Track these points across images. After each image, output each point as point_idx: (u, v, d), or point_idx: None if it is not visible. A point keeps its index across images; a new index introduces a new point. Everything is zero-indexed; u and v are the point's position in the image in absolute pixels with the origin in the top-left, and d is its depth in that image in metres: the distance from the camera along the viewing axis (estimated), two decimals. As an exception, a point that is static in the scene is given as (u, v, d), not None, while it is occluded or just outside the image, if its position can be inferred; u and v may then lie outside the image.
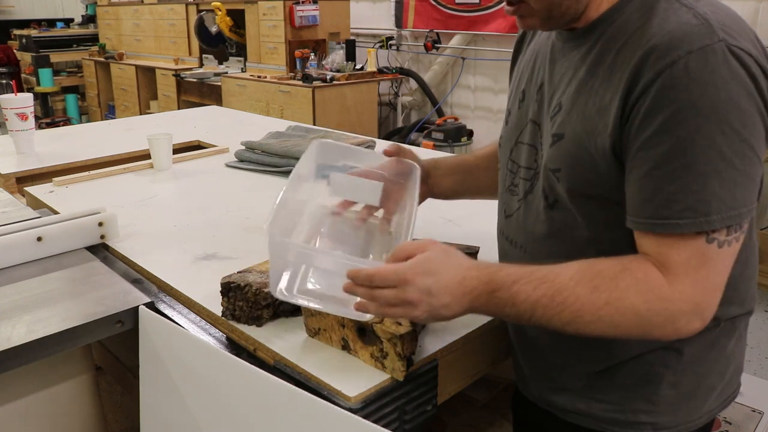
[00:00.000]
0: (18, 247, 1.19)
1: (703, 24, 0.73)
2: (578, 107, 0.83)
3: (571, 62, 0.87)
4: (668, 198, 0.73)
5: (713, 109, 0.71)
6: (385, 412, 0.85)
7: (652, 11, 0.78)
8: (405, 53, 5.33)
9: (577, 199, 0.84)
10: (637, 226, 0.78)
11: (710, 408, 0.92)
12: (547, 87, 0.91)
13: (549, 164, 0.87)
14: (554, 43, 0.92)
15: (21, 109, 1.95)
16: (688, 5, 0.76)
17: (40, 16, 8.32)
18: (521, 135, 0.97)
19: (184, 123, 2.50)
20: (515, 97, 1.01)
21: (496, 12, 4.54)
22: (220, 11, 5.04)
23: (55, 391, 1.07)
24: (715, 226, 0.72)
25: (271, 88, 4.61)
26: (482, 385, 1.51)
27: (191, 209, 1.53)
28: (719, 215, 0.72)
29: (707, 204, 0.72)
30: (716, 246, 0.74)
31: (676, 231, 0.74)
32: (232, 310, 0.98)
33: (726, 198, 0.72)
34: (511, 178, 0.99)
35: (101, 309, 1.02)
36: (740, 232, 0.75)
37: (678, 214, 0.73)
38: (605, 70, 0.80)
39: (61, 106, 7.14)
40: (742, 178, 0.73)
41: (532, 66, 0.97)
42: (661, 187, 0.74)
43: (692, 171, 0.72)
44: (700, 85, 0.70)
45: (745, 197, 0.73)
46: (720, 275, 0.76)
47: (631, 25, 0.79)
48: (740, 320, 0.92)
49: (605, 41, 0.81)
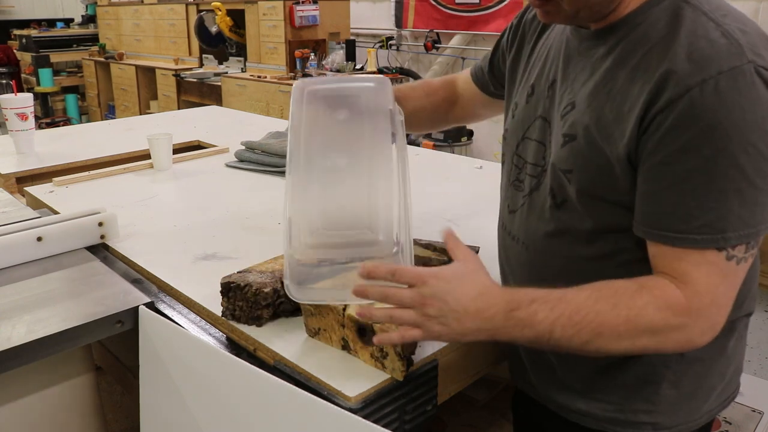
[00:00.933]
0: (18, 247, 1.19)
1: (733, 44, 0.73)
2: (594, 109, 0.82)
3: (588, 62, 0.86)
4: (688, 213, 0.74)
5: (738, 130, 0.71)
6: (385, 412, 0.85)
7: (678, 21, 0.77)
8: (405, 53, 5.33)
9: (586, 201, 0.84)
10: (653, 238, 0.78)
11: (710, 408, 0.92)
12: (559, 84, 0.90)
13: (559, 164, 0.86)
14: (569, 40, 0.91)
15: (21, 109, 1.95)
16: (717, 21, 0.75)
17: (40, 16, 8.32)
18: (529, 130, 0.96)
19: (184, 123, 2.50)
20: (523, 91, 0.99)
21: (496, 12, 4.55)
22: (220, 11, 5.04)
23: (55, 391, 1.07)
24: (731, 243, 0.73)
25: (271, 88, 4.61)
26: (482, 385, 1.51)
27: (191, 209, 1.53)
28: (736, 233, 0.73)
29: (725, 221, 0.73)
30: (735, 263, 0.75)
31: (693, 246, 0.74)
32: (232, 310, 0.98)
33: (745, 216, 0.73)
34: (516, 173, 0.98)
35: (101, 309, 1.02)
36: (757, 248, 0.77)
37: (696, 230, 0.74)
38: (626, 76, 0.79)
39: (61, 106, 7.14)
40: (763, 197, 0.73)
41: (544, 60, 0.96)
42: (681, 202, 0.74)
43: (713, 189, 0.73)
44: (728, 106, 0.71)
45: (765, 215, 0.74)
46: (735, 290, 0.78)
47: (656, 31, 0.78)
48: (740, 321, 0.92)
49: (627, 44, 0.80)
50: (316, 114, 0.92)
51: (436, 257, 1.06)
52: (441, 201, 1.55)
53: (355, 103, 0.93)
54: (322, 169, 0.89)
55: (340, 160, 0.91)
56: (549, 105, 0.92)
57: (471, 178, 1.80)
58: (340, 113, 0.91)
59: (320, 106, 0.92)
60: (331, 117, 0.92)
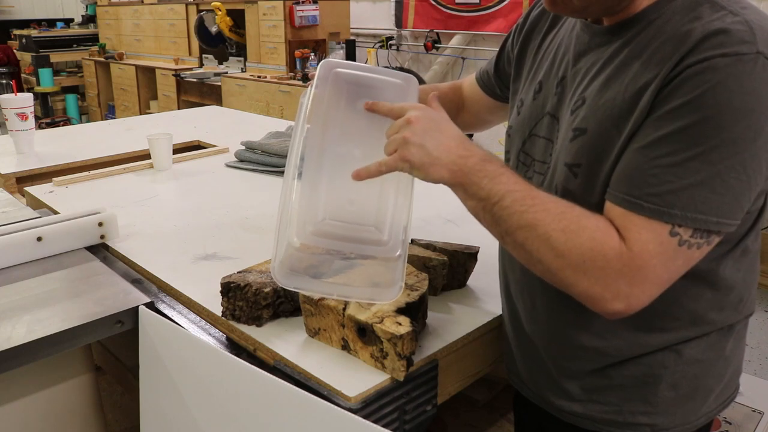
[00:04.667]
0: (18, 247, 1.19)
1: (746, 32, 0.71)
2: (606, 102, 0.81)
3: (600, 56, 0.85)
4: (645, 180, 0.74)
5: (719, 115, 0.70)
6: (385, 412, 0.85)
7: (697, 16, 0.76)
8: (405, 53, 5.33)
9: (591, 194, 0.83)
10: (609, 197, 0.78)
11: (708, 410, 0.92)
12: (569, 80, 0.90)
13: (567, 159, 0.85)
14: (579, 36, 0.90)
15: (21, 109, 1.95)
16: (735, 12, 0.74)
17: (40, 16, 8.33)
18: (536, 127, 0.95)
19: (184, 123, 2.50)
20: (529, 88, 0.99)
21: (496, 12, 4.55)
22: (220, 11, 5.04)
23: (55, 391, 1.07)
24: (676, 220, 0.72)
25: (271, 88, 4.61)
26: (482, 385, 1.51)
27: (191, 209, 1.53)
28: (683, 212, 0.72)
29: (676, 197, 0.72)
30: (677, 242, 0.73)
31: (640, 212, 0.74)
32: (232, 310, 0.98)
33: (698, 200, 0.72)
34: (523, 170, 0.97)
35: (101, 309, 1.02)
36: (705, 241, 0.74)
37: (647, 197, 0.74)
38: (639, 67, 0.78)
39: (61, 106, 7.14)
40: (723, 190, 0.72)
41: (552, 58, 0.95)
42: (643, 167, 0.74)
43: (676, 163, 0.72)
44: (716, 88, 0.70)
45: (720, 208, 0.72)
46: (668, 273, 0.75)
47: (672, 26, 0.77)
48: (740, 323, 0.91)
49: (641, 40, 0.80)
50: (339, 98, 0.90)
51: (437, 257, 1.06)
52: (441, 201, 1.55)
53: (379, 96, 0.90)
54: (336, 157, 0.87)
55: (356, 151, 0.89)
56: (558, 102, 0.92)
57: (471, 178, 1.80)
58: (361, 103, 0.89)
59: (344, 91, 0.90)
60: (352, 105, 0.90)
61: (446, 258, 1.07)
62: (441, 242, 1.13)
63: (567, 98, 0.89)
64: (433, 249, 1.10)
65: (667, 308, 0.84)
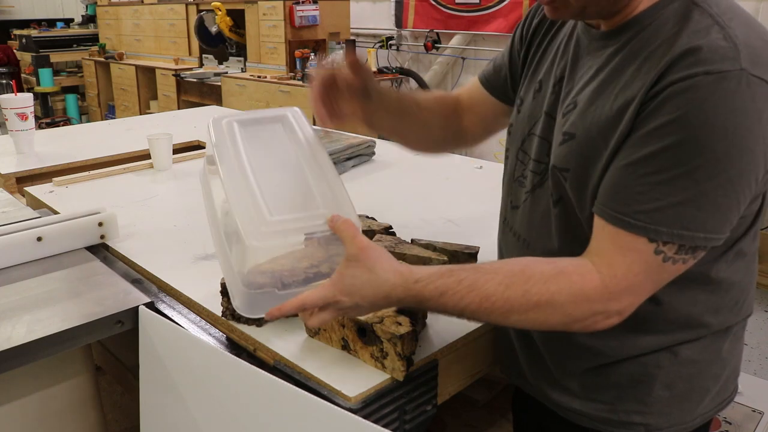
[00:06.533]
0: (18, 247, 1.19)
1: (730, 48, 0.71)
2: (596, 109, 0.81)
3: (595, 61, 0.85)
4: (632, 197, 0.75)
5: (703, 133, 0.70)
6: (385, 412, 0.85)
7: (685, 21, 0.76)
8: (405, 53, 5.33)
9: (583, 200, 0.84)
10: (597, 211, 0.79)
11: (704, 410, 0.92)
12: (566, 82, 0.90)
13: (557, 163, 0.86)
14: (579, 39, 0.90)
15: (21, 109, 1.95)
16: (721, 24, 0.74)
17: (40, 16, 8.33)
18: (534, 126, 0.95)
19: (184, 123, 2.50)
20: (530, 86, 0.99)
21: (496, 12, 4.55)
22: (220, 11, 5.04)
23: (55, 391, 1.07)
24: (662, 238, 0.73)
25: (271, 88, 4.61)
26: (482, 385, 1.51)
27: (191, 209, 1.52)
28: (670, 230, 0.73)
29: (662, 214, 0.73)
30: (662, 259, 0.75)
31: (626, 229, 0.75)
32: (232, 310, 0.98)
33: (685, 218, 0.72)
34: (521, 169, 0.98)
35: (101, 309, 1.02)
36: (690, 255, 0.75)
37: (633, 215, 0.74)
38: (631, 74, 0.78)
39: (61, 106, 7.14)
40: (709, 206, 0.72)
41: (553, 57, 0.95)
42: (630, 184, 0.75)
43: (662, 181, 0.72)
44: (700, 107, 0.70)
45: (707, 224, 0.73)
46: (654, 286, 0.78)
47: (663, 32, 0.77)
48: (737, 324, 0.91)
49: (635, 45, 0.80)
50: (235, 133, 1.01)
51: (437, 257, 1.06)
52: (441, 201, 1.55)
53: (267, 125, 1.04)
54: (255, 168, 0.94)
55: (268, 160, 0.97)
56: (554, 102, 0.92)
57: (471, 178, 1.80)
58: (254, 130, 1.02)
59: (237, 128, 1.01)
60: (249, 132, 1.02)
61: (446, 258, 1.07)
62: (441, 242, 1.13)
63: (561, 99, 0.90)
64: (433, 249, 1.10)
65: (663, 312, 0.85)
